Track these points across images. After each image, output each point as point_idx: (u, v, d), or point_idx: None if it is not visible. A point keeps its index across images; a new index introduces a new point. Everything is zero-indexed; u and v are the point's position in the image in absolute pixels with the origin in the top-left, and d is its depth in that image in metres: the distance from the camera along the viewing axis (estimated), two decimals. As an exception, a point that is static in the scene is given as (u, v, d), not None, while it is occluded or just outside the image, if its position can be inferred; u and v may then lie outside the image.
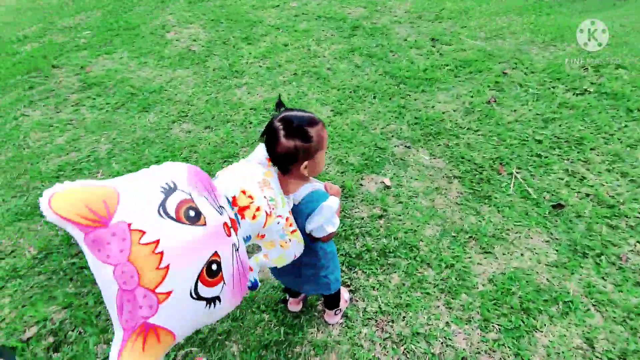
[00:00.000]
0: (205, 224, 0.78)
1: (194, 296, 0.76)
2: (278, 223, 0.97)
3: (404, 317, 1.41)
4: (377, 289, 1.50)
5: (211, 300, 0.79)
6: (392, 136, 2.25)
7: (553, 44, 2.99)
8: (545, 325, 1.35)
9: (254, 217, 0.93)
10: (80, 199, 0.69)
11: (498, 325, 1.36)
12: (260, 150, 1.09)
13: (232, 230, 0.86)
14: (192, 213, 0.77)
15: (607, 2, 3.76)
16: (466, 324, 1.37)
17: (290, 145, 1.02)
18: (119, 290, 0.71)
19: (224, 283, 0.81)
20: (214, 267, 0.79)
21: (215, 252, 0.79)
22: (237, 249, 0.86)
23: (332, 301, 1.36)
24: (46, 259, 1.69)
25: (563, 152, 2.04)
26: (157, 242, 0.72)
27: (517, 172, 1.94)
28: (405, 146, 2.17)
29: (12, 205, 1.95)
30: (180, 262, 0.73)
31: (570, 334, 1.32)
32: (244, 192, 0.94)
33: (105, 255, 0.69)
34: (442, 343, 1.34)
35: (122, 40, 3.48)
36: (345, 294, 1.46)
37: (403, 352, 1.32)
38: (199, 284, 0.76)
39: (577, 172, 1.93)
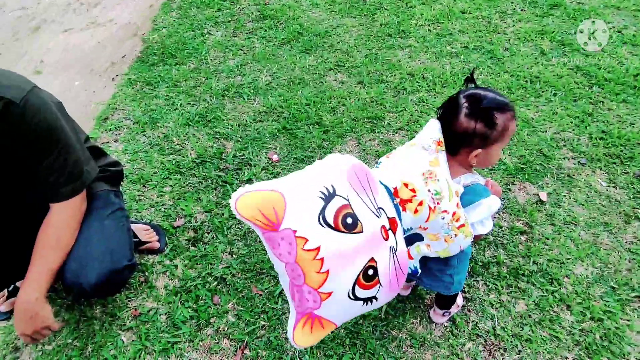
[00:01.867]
0: (362, 231, 0.81)
1: (352, 297, 0.84)
2: (443, 219, 0.90)
3: (519, 351, 1.25)
4: (497, 308, 1.35)
5: (368, 300, 0.87)
6: (564, 145, 1.90)
7: None
8: None
9: (415, 211, 0.90)
10: (256, 204, 0.79)
11: (642, 412, 1.11)
12: (429, 130, 0.99)
13: (390, 232, 0.87)
14: (349, 220, 0.81)
15: None
16: (599, 392, 1.15)
17: (470, 126, 0.91)
18: (291, 282, 0.83)
19: (380, 285, 0.86)
20: (370, 272, 0.84)
21: (372, 258, 0.83)
22: (395, 251, 0.87)
23: (446, 301, 1.28)
24: (201, 164, 1.94)
25: None
26: (318, 249, 0.79)
27: None
28: (579, 162, 1.81)
29: (186, 110, 2.26)
30: (338, 269, 0.81)
31: None
32: (406, 184, 0.91)
33: (278, 253, 0.80)
34: (558, 398, 1.16)
35: (302, -23, 3.57)
36: (459, 299, 1.35)
37: (507, 386, 1.19)
38: (356, 287, 0.83)
39: None
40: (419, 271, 1.08)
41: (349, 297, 0.83)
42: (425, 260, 1.11)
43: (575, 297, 1.36)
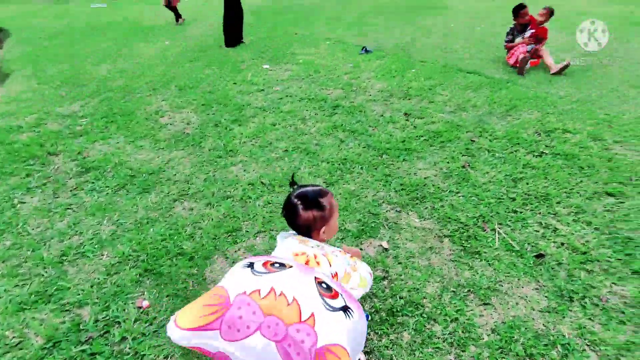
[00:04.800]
0: (292, 266, 0.96)
1: (330, 308, 0.87)
2: (337, 256, 1.11)
3: (420, 374, 1.48)
4: (391, 347, 1.58)
5: (345, 309, 0.90)
6: (383, 202, 2.46)
7: (508, 114, 3.46)
8: (549, 369, 1.45)
9: (318, 264, 1.08)
10: (196, 306, 0.83)
11: (508, 373, 1.45)
12: (280, 237, 1.26)
13: (316, 264, 1.06)
14: (277, 265, 0.95)
15: (546, 78, 4.42)
16: (479, 374, 1.46)
17: (309, 215, 1.20)
18: (277, 345, 0.80)
19: (341, 295, 0.94)
20: (324, 285, 0.93)
21: (315, 277, 0.94)
22: (335, 278, 1.04)
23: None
24: (55, 347, 1.66)
25: (534, 207, 2.30)
26: (272, 289, 0.85)
27: (499, 228, 2.16)
28: (396, 210, 2.38)
29: (14, 294, 1.93)
30: (300, 291, 0.87)
31: (573, 375, 1.43)
32: (296, 254, 1.10)
33: (245, 327, 0.80)
34: (459, 397, 1.40)
35: (118, 126, 3.69)
36: (362, 357, 1.52)
37: (425, 410, 1.37)
38: (325, 298, 0.89)
39: (550, 224, 2.17)
40: (369, 315, 1.22)
41: (328, 309, 0.86)
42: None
43: (436, 310, 1.72)
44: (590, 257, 1.94)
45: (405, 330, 1.64)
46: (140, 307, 1.82)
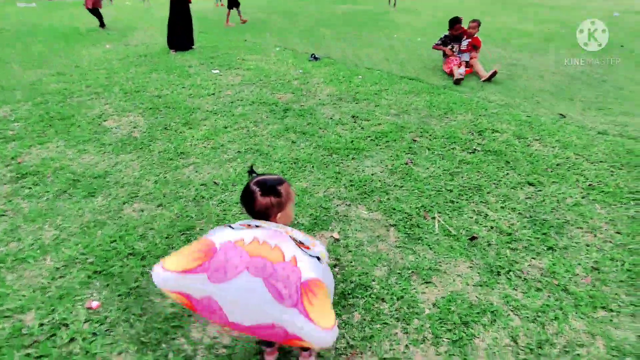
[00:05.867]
0: (266, 227, 1.12)
1: (307, 254, 1.04)
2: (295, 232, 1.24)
3: (369, 347, 1.60)
4: (343, 327, 1.69)
5: (317, 258, 1.08)
6: (334, 197, 2.59)
7: (446, 116, 3.78)
8: (481, 333, 1.65)
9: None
10: (184, 252, 0.93)
11: (447, 339, 1.62)
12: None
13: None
14: (254, 225, 1.11)
15: (477, 84, 4.87)
16: (421, 343, 1.61)
17: (267, 201, 1.28)
18: (265, 281, 0.92)
19: (312, 248, 1.11)
20: (297, 240, 1.08)
21: (288, 236, 1.10)
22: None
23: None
24: (-6, 355, 1.57)
25: (469, 197, 2.56)
26: (255, 238, 0.98)
27: (438, 216, 2.37)
28: (346, 205, 2.52)
29: (-57, 305, 1.79)
30: (280, 241, 1.02)
31: (500, 336, 1.64)
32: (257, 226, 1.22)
33: (233, 267, 0.91)
34: (405, 364, 1.54)
35: (57, 130, 3.50)
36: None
37: (375, 379, 1.49)
38: (302, 249, 1.05)
39: (482, 211, 2.43)
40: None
41: (305, 254, 1.02)
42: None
43: (383, 291, 1.86)
44: (514, 237, 2.20)
45: (355, 310, 1.76)
46: (90, 308, 1.77)
